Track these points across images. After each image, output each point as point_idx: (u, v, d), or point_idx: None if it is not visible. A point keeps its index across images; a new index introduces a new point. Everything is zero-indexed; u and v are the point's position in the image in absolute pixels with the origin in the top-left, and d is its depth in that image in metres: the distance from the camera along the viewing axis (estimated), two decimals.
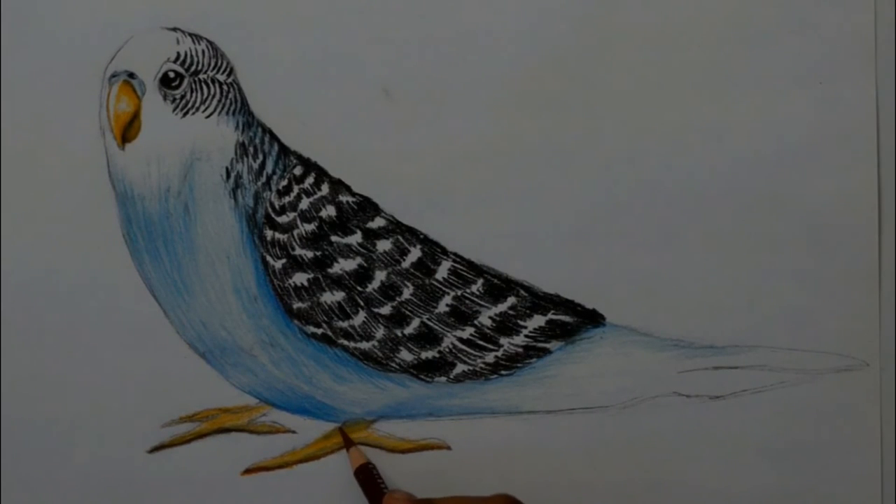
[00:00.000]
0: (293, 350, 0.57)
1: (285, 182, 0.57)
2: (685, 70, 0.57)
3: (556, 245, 0.57)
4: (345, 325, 0.57)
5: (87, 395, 0.58)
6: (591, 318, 0.58)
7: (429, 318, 0.57)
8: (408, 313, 0.57)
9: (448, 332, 0.57)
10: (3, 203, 0.57)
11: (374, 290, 0.57)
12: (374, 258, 0.57)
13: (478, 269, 0.57)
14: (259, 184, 0.57)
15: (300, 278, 0.57)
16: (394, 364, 0.57)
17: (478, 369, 0.58)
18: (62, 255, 0.57)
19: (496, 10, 0.56)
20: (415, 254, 0.57)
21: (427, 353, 0.57)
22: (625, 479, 0.58)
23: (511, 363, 0.58)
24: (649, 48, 0.57)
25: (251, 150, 0.57)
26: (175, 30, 0.56)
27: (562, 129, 0.57)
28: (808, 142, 0.57)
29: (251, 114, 0.57)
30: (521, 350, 0.58)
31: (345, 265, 0.57)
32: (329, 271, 0.57)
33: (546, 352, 0.58)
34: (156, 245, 0.57)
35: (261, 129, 0.57)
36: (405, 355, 0.57)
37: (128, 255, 0.57)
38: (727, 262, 0.57)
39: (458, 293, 0.57)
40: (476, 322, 0.57)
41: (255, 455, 0.58)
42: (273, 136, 0.57)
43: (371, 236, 0.57)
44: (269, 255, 0.57)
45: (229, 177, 0.56)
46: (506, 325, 0.57)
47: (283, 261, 0.56)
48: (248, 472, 0.58)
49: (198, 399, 0.58)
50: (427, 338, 0.57)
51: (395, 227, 0.57)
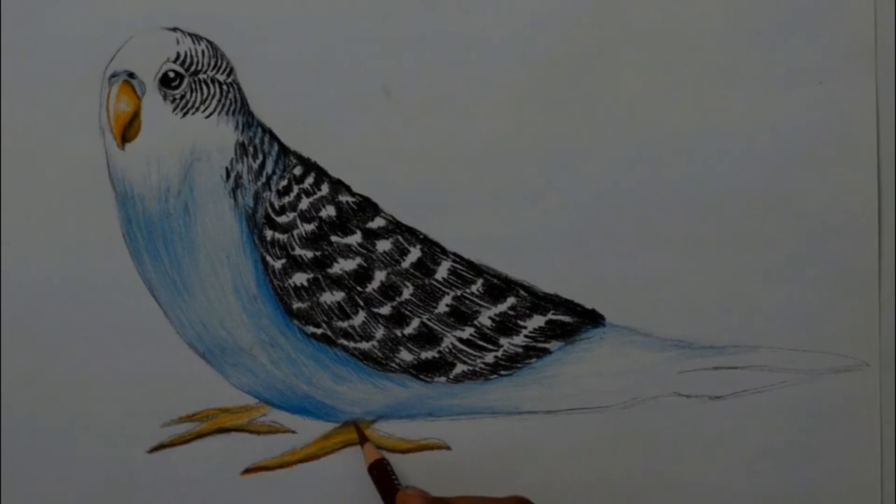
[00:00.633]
0: (293, 350, 0.57)
1: (285, 182, 0.57)
2: (685, 70, 0.57)
3: (556, 245, 0.57)
4: (344, 325, 0.57)
5: (87, 395, 0.58)
6: (591, 318, 0.58)
7: (429, 319, 0.57)
8: (407, 313, 0.57)
9: (448, 332, 0.57)
10: (3, 203, 0.57)
11: (373, 290, 0.57)
12: (374, 258, 0.57)
13: (478, 269, 0.57)
14: (259, 184, 0.57)
15: (300, 278, 0.57)
16: (394, 364, 0.57)
17: (478, 369, 0.58)
18: (62, 255, 0.57)
19: (496, 10, 0.56)
20: (415, 254, 0.57)
21: (427, 354, 0.57)
22: (625, 479, 0.58)
23: (511, 363, 0.58)
24: (649, 48, 0.56)
25: (251, 150, 0.57)
26: (175, 30, 0.56)
27: (562, 128, 0.57)
28: (808, 142, 0.57)
29: (251, 114, 0.57)
30: (520, 350, 0.58)
31: (345, 265, 0.57)
32: (329, 271, 0.57)
33: (546, 352, 0.58)
34: (156, 245, 0.57)
35: (261, 129, 0.57)
36: (405, 355, 0.57)
37: (128, 255, 0.57)
38: (727, 262, 0.57)
39: (458, 293, 0.57)
40: (476, 322, 0.57)
41: (255, 455, 0.58)
42: (273, 136, 0.57)
43: (371, 236, 0.57)
44: (269, 255, 0.57)
45: (229, 177, 0.56)
46: (506, 326, 0.57)
47: (283, 261, 0.56)
48: (248, 472, 0.58)
49: (198, 399, 0.58)
50: (427, 338, 0.57)
51: (395, 227, 0.57)
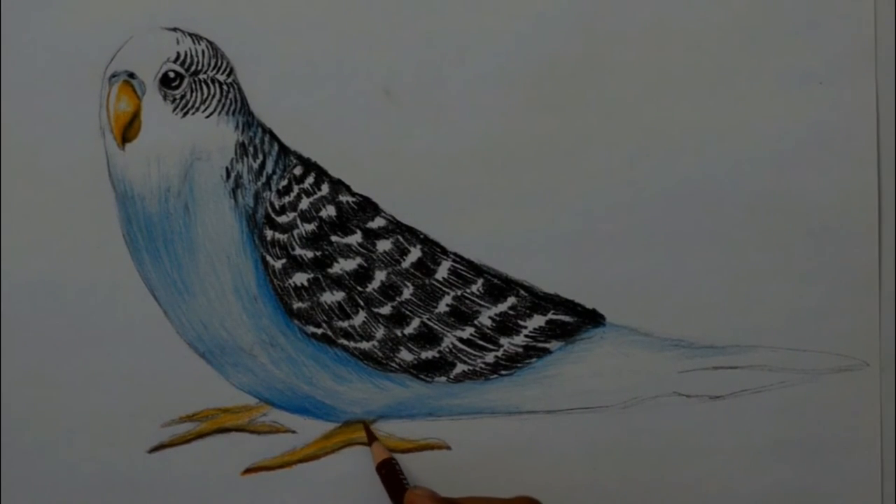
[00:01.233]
0: (293, 350, 0.57)
1: (285, 182, 0.57)
2: (685, 71, 0.57)
3: (556, 245, 0.57)
4: (345, 325, 0.57)
5: (87, 395, 0.58)
6: (591, 318, 0.58)
7: (429, 318, 0.57)
8: (408, 313, 0.57)
9: (448, 332, 0.57)
10: (3, 203, 0.57)
11: (374, 290, 0.57)
12: (374, 258, 0.57)
13: (478, 269, 0.57)
14: (259, 184, 0.57)
15: (300, 278, 0.57)
16: (394, 364, 0.57)
17: (478, 369, 0.58)
18: (62, 255, 0.57)
19: (496, 10, 0.56)
20: (415, 254, 0.57)
21: (427, 353, 0.57)
22: (625, 479, 0.58)
23: (511, 363, 0.58)
24: (649, 49, 0.56)
25: (251, 150, 0.57)
26: (175, 30, 0.56)
27: (562, 128, 0.57)
28: (808, 142, 0.57)
29: (251, 114, 0.57)
30: (521, 350, 0.58)
31: (345, 265, 0.57)
32: (329, 271, 0.57)
33: (546, 352, 0.58)
34: (156, 245, 0.57)
35: (261, 129, 0.57)
36: (405, 355, 0.57)
37: (128, 255, 0.57)
38: (727, 262, 0.57)
39: (458, 293, 0.57)
40: (476, 322, 0.57)
41: (255, 455, 0.58)
42: (273, 136, 0.57)
43: (371, 236, 0.57)
44: (269, 255, 0.56)
45: (229, 177, 0.56)
46: (506, 325, 0.57)
47: (283, 261, 0.56)
48: (248, 471, 0.58)
49: (198, 399, 0.58)
50: (427, 338, 0.57)
51: (395, 227, 0.57)
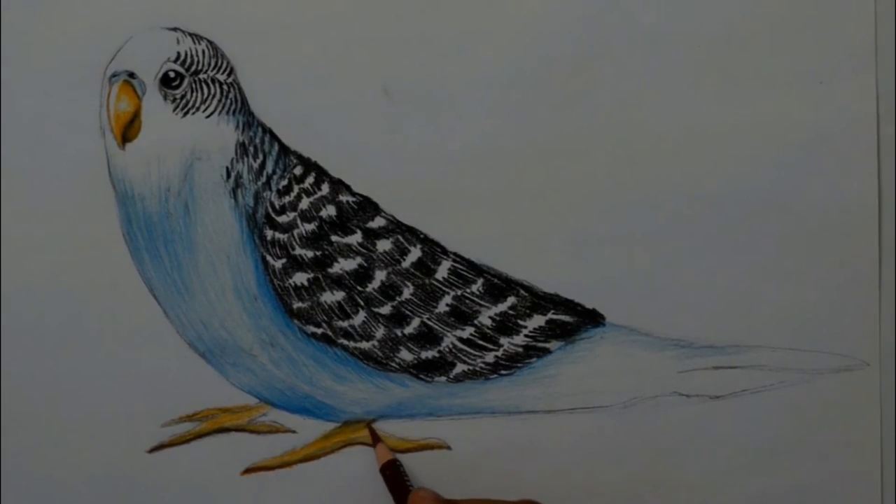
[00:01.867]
0: (293, 350, 0.57)
1: (285, 182, 0.57)
2: (685, 71, 0.57)
3: (556, 245, 0.57)
4: (345, 324, 0.57)
5: (87, 395, 0.58)
6: (591, 318, 0.58)
7: (429, 318, 0.57)
8: (408, 313, 0.57)
9: (448, 331, 0.57)
10: (3, 203, 0.57)
11: (374, 289, 0.57)
12: (374, 258, 0.57)
13: (478, 269, 0.57)
14: (259, 183, 0.57)
15: (300, 278, 0.57)
16: (394, 364, 0.57)
17: (478, 369, 0.58)
18: (62, 255, 0.57)
19: (496, 10, 0.56)
20: (415, 254, 0.57)
21: (427, 353, 0.57)
22: (625, 479, 0.58)
23: (511, 363, 0.58)
24: (648, 48, 0.56)
25: (251, 149, 0.57)
26: (175, 30, 0.56)
27: (562, 128, 0.57)
28: (808, 142, 0.57)
29: (251, 114, 0.57)
30: (521, 350, 0.58)
31: (345, 265, 0.57)
32: (329, 271, 0.57)
33: (546, 352, 0.58)
34: (156, 245, 0.57)
35: (261, 129, 0.57)
36: (405, 355, 0.57)
37: (128, 255, 0.57)
38: (727, 262, 0.57)
39: (458, 293, 0.57)
40: (476, 322, 0.57)
41: (255, 455, 0.58)
42: (273, 136, 0.57)
43: (371, 236, 0.57)
44: (270, 255, 0.57)
45: (229, 176, 0.56)
46: (506, 325, 0.57)
47: (283, 260, 0.57)
48: (248, 471, 0.58)
49: (198, 399, 0.58)
50: (427, 338, 0.57)
51: (395, 227, 0.57)
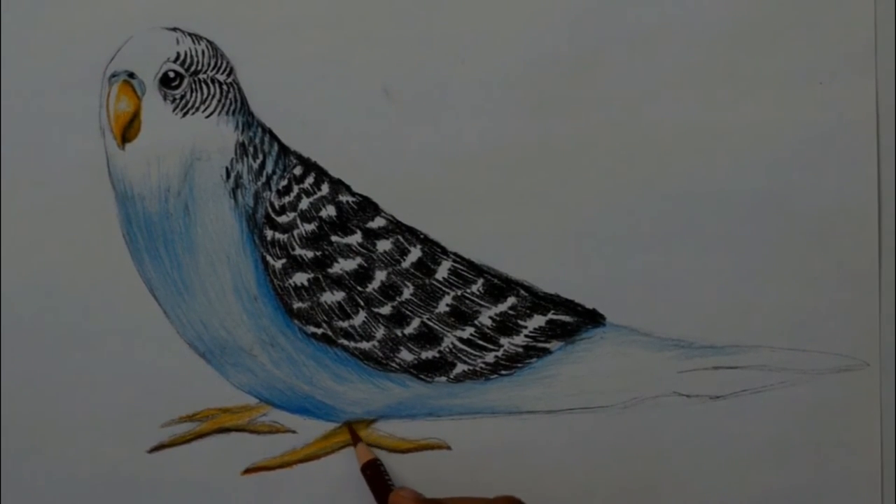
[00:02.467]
0: (293, 350, 0.57)
1: (285, 182, 0.57)
2: (685, 71, 0.57)
3: (556, 245, 0.57)
4: (345, 325, 0.57)
5: (87, 395, 0.58)
6: (591, 318, 0.58)
7: (429, 318, 0.57)
8: (408, 313, 0.57)
9: (448, 332, 0.57)
10: (3, 203, 0.57)
11: (374, 290, 0.57)
12: (374, 258, 0.57)
13: (478, 269, 0.57)
14: (259, 184, 0.57)
15: (300, 278, 0.57)
16: (394, 364, 0.57)
17: (478, 369, 0.58)
18: (62, 255, 0.57)
19: (496, 10, 0.56)
20: (415, 254, 0.57)
21: (427, 353, 0.57)
22: (625, 479, 0.58)
23: (511, 363, 0.58)
24: (649, 48, 0.56)
25: (251, 150, 0.57)
26: (175, 30, 0.56)
27: (561, 128, 0.57)
28: (808, 142, 0.57)
29: (251, 114, 0.57)
30: (521, 350, 0.58)
31: (345, 265, 0.57)
32: (329, 271, 0.57)
33: (546, 352, 0.58)
34: (156, 245, 0.57)
35: (261, 129, 0.57)
36: (405, 355, 0.57)
37: (128, 255, 0.57)
38: (727, 262, 0.57)
39: (459, 293, 0.57)
40: (476, 322, 0.57)
41: (255, 455, 0.58)
42: (273, 136, 0.57)
43: (371, 236, 0.57)
44: (269, 255, 0.57)
45: (229, 177, 0.56)
46: (506, 325, 0.57)
47: (283, 261, 0.56)
48: (248, 471, 0.58)
49: (198, 399, 0.58)
50: (427, 338, 0.57)
51: (395, 227, 0.57)
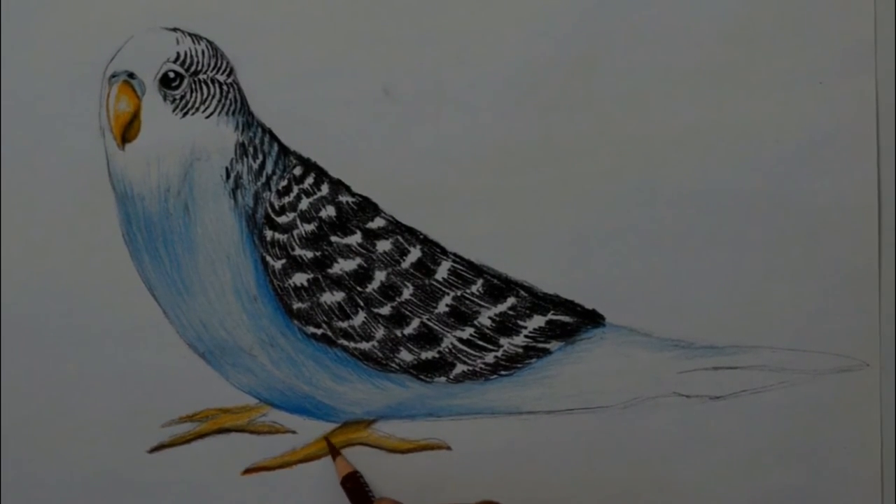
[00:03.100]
0: (293, 350, 0.57)
1: (285, 182, 0.57)
2: (685, 71, 0.57)
3: (556, 245, 0.57)
4: (345, 325, 0.57)
5: (87, 394, 0.58)
6: (591, 318, 0.58)
7: (429, 319, 0.57)
8: (408, 313, 0.57)
9: (448, 332, 0.57)
10: (3, 203, 0.57)
11: (373, 290, 0.57)
12: (374, 258, 0.57)
13: (478, 269, 0.57)
14: (259, 184, 0.57)
15: (300, 278, 0.57)
16: (394, 364, 0.57)
17: (478, 369, 0.58)
18: (62, 255, 0.57)
19: (496, 10, 0.56)
20: (415, 254, 0.57)
21: (427, 354, 0.57)
22: (625, 479, 0.58)
23: (511, 363, 0.58)
24: (649, 48, 0.56)
25: (251, 150, 0.57)
26: (175, 30, 0.56)
27: (561, 129, 0.57)
28: (808, 142, 0.57)
29: (251, 114, 0.57)
30: (520, 350, 0.58)
31: (345, 265, 0.57)
32: (329, 271, 0.57)
33: (546, 352, 0.58)
34: (156, 245, 0.57)
35: (261, 129, 0.57)
36: (405, 355, 0.57)
37: (128, 255, 0.57)
38: (727, 262, 0.57)
39: (458, 293, 0.57)
40: (476, 322, 0.57)
41: (256, 455, 0.58)
42: (273, 136, 0.57)
43: (371, 236, 0.57)
44: (269, 256, 0.57)
45: (229, 177, 0.56)
46: (506, 326, 0.57)
47: (283, 261, 0.56)
48: (248, 471, 0.58)
49: (198, 399, 0.58)
50: (427, 338, 0.57)
51: (395, 227, 0.57)
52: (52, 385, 0.58)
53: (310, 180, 0.57)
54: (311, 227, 0.57)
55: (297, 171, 0.57)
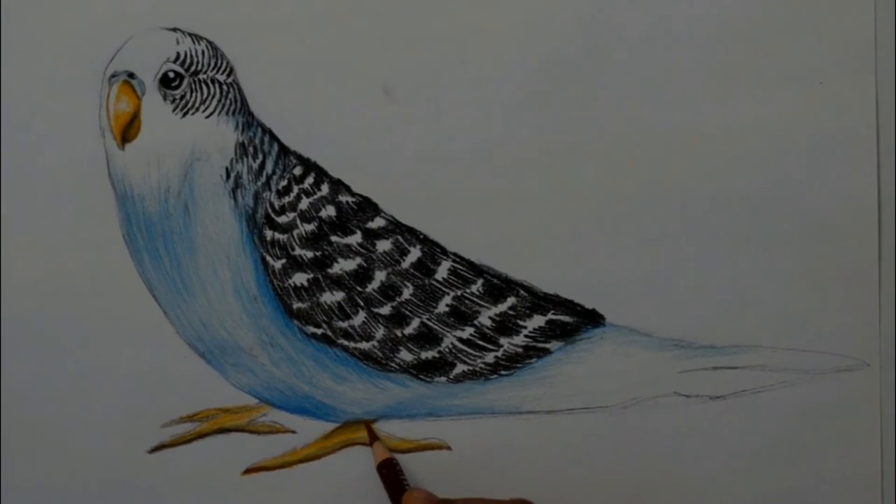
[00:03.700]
0: (293, 350, 0.57)
1: (285, 182, 0.57)
2: (685, 70, 0.57)
3: (556, 245, 0.57)
4: (345, 325, 0.57)
5: (87, 395, 0.58)
6: (591, 318, 0.58)
7: (429, 319, 0.57)
8: (408, 313, 0.57)
9: (448, 332, 0.57)
10: (3, 203, 0.57)
11: (373, 290, 0.57)
12: (374, 258, 0.57)
13: (478, 269, 0.57)
14: (259, 184, 0.57)
15: (300, 278, 0.57)
16: (394, 364, 0.57)
17: (478, 369, 0.58)
18: (62, 255, 0.57)
19: (496, 10, 0.56)
20: (415, 254, 0.57)
21: (427, 354, 0.57)
22: (625, 479, 0.58)
23: (511, 363, 0.58)
24: (649, 48, 0.56)
25: (251, 150, 0.57)
26: (175, 30, 0.56)
27: (561, 128, 0.57)
28: (808, 142, 0.57)
29: (251, 114, 0.57)
30: (520, 350, 0.58)
31: (345, 265, 0.57)
32: (329, 271, 0.57)
33: (546, 352, 0.58)
34: (156, 245, 0.57)
35: (261, 129, 0.57)
36: (405, 355, 0.57)
37: (128, 255, 0.57)
38: (727, 262, 0.57)
39: (458, 293, 0.57)
40: (476, 322, 0.57)
41: (256, 455, 0.58)
42: (273, 136, 0.57)
43: (371, 236, 0.57)
44: (269, 256, 0.57)
45: (229, 177, 0.56)
46: (506, 326, 0.57)
47: (283, 261, 0.56)
48: (248, 471, 0.58)
49: (198, 399, 0.58)
50: (427, 338, 0.57)
51: (395, 227, 0.57)
52: (51, 385, 0.58)
53: (310, 180, 0.57)
54: (311, 227, 0.57)
55: (297, 170, 0.57)
